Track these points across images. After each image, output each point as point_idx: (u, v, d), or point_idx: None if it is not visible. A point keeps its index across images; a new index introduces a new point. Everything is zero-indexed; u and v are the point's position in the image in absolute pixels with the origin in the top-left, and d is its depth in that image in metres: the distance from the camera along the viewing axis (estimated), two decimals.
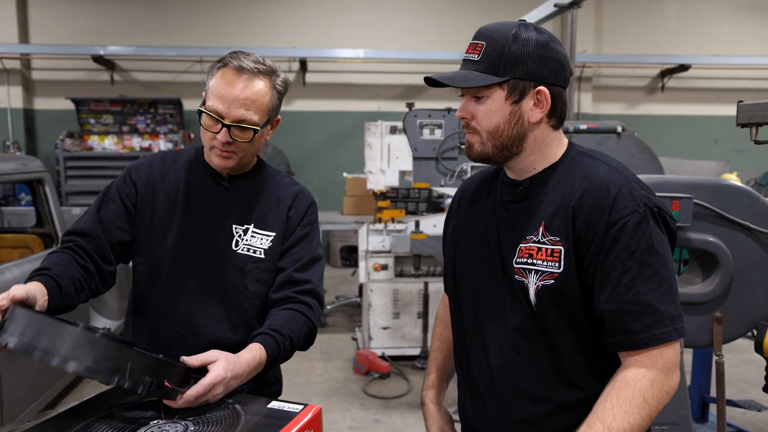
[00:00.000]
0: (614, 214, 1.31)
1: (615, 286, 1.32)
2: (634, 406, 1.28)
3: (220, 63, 1.76)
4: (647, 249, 1.31)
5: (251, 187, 1.91)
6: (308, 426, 1.40)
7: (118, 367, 1.28)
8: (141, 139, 9.13)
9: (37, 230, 4.50)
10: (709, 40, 10.61)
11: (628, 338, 1.32)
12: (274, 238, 1.88)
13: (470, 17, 9.97)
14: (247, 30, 9.66)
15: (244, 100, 1.73)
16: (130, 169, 1.92)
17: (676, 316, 1.32)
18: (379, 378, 4.95)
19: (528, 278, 1.40)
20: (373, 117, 8.33)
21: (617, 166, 1.41)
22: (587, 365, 1.41)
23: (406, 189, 5.70)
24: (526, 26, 1.39)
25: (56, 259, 1.74)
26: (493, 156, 1.44)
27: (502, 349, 1.47)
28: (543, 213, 1.41)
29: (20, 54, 9.22)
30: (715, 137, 10.82)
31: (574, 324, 1.39)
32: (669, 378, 1.32)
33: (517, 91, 1.38)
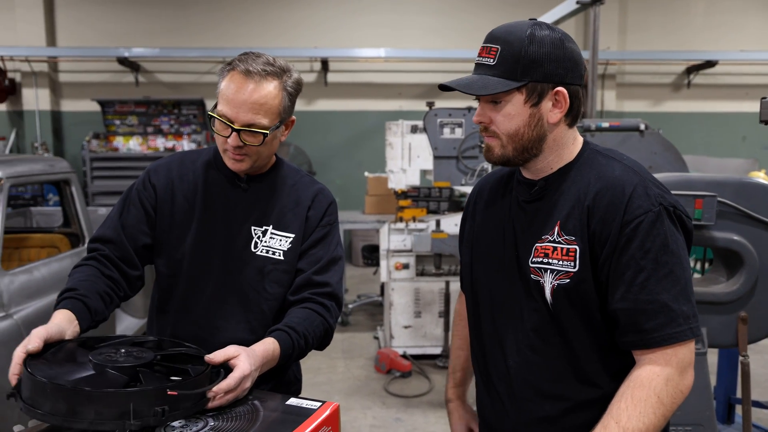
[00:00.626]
0: (629, 214, 1.32)
1: (629, 285, 1.32)
2: (649, 406, 1.28)
3: (229, 66, 1.75)
4: (662, 248, 1.31)
5: (270, 188, 1.90)
6: (326, 423, 1.41)
7: (122, 412, 1.23)
8: (165, 139, 9.23)
9: (64, 230, 4.57)
10: (737, 36, 10.42)
11: (642, 337, 1.32)
12: (293, 240, 1.87)
13: (492, 16, 9.91)
14: (269, 30, 9.72)
15: (252, 105, 1.71)
16: (149, 171, 1.92)
17: (691, 316, 1.31)
18: (400, 377, 4.96)
19: (544, 278, 1.40)
20: (394, 116, 8.33)
21: (632, 165, 1.41)
22: (603, 364, 1.41)
23: (427, 188, 5.70)
24: (539, 26, 1.38)
25: (82, 275, 1.75)
26: (514, 158, 1.44)
27: (519, 349, 1.47)
28: (558, 212, 1.41)
29: (48, 57, 9.36)
30: (743, 134, 10.64)
31: (590, 323, 1.39)
32: (683, 377, 1.32)
33: (536, 94, 1.38)
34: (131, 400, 1.22)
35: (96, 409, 1.20)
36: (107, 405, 1.21)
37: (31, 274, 3.57)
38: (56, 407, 1.20)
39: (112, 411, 1.21)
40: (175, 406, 1.28)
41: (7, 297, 3.24)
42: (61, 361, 1.34)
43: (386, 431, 4.07)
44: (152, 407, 1.24)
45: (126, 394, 1.23)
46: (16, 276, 3.40)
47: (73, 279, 1.74)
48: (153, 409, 1.24)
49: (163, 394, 1.26)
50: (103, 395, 1.22)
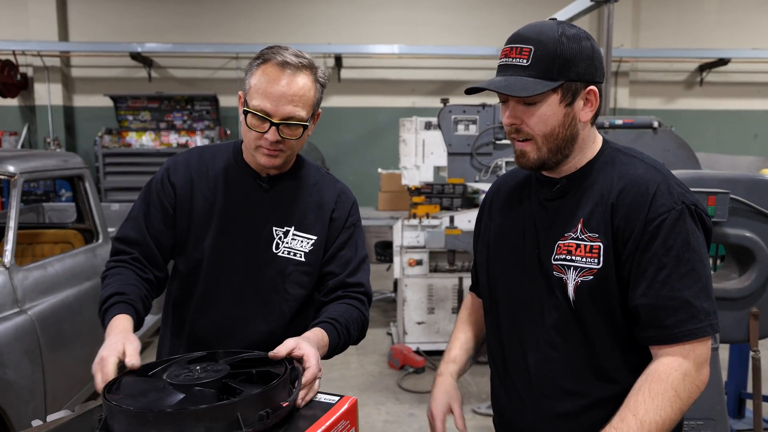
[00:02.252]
0: (653, 212, 1.34)
1: (651, 282, 1.34)
2: (666, 400, 1.29)
3: (260, 59, 1.71)
4: (684, 246, 1.33)
5: (291, 188, 1.87)
6: (345, 417, 1.41)
7: (230, 424, 1.23)
8: (178, 135, 9.25)
9: (78, 226, 4.59)
10: (750, 34, 10.38)
11: (663, 332, 1.34)
12: (315, 242, 1.85)
13: (505, 12, 9.91)
14: (282, 26, 9.73)
15: (292, 96, 1.68)
16: (168, 168, 1.89)
17: (711, 313, 1.34)
18: (413, 372, 4.98)
19: (567, 274, 1.42)
20: (407, 113, 8.32)
21: (654, 164, 1.43)
22: (623, 360, 1.43)
23: (440, 185, 5.70)
24: (566, 25, 1.40)
25: (124, 278, 1.76)
26: (549, 161, 1.44)
27: (539, 346, 1.49)
28: (581, 210, 1.43)
29: (60, 52, 9.40)
30: (755, 132, 10.62)
31: (611, 319, 1.41)
32: (700, 372, 1.34)
33: (570, 94, 1.39)
34: (239, 409, 1.23)
35: (206, 426, 1.20)
36: (216, 419, 1.21)
37: (45, 269, 3.59)
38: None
39: (221, 425, 1.21)
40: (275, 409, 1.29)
41: (21, 292, 3.27)
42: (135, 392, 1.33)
43: (400, 426, 4.09)
44: (256, 413, 1.25)
45: (233, 404, 1.23)
46: (30, 272, 3.42)
47: (117, 282, 1.75)
48: (258, 414, 1.25)
49: (264, 398, 1.27)
50: (211, 410, 1.22)
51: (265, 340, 1.79)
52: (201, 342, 1.85)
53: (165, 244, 1.86)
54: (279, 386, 1.32)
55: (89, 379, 3.84)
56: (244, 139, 1.78)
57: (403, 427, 4.07)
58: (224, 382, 1.33)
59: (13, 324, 3.10)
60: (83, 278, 3.90)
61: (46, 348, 3.32)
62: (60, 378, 3.48)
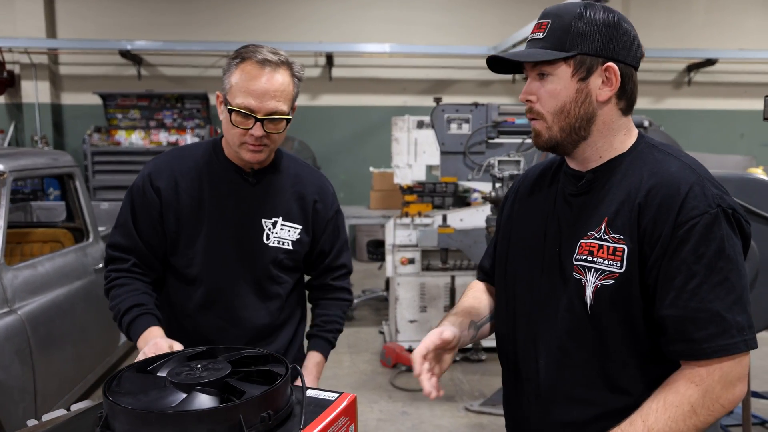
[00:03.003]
0: (683, 214, 1.23)
1: (679, 291, 1.23)
2: (680, 414, 1.22)
3: (238, 58, 1.77)
4: (717, 253, 1.22)
5: (275, 181, 1.96)
6: (344, 413, 1.41)
7: (232, 426, 1.23)
8: (168, 134, 9.21)
9: (68, 225, 4.55)
10: (737, 34, 10.49)
11: (691, 347, 1.24)
12: (301, 231, 1.97)
13: (497, 12, 9.94)
14: (274, 25, 9.71)
15: (274, 92, 1.75)
16: (150, 173, 1.93)
17: (746, 327, 1.23)
18: (406, 371, 4.97)
19: (586, 276, 1.33)
20: (398, 112, 8.32)
21: (690, 163, 1.32)
22: (640, 371, 1.33)
23: (432, 183, 5.71)
24: (593, 6, 1.33)
25: (135, 288, 1.89)
26: (562, 141, 1.37)
27: (550, 350, 1.41)
28: (606, 208, 1.33)
29: (48, 49, 9.33)
30: (742, 132, 10.72)
31: (631, 328, 1.31)
32: (727, 391, 1.23)
33: (584, 68, 1.32)
34: (241, 411, 1.22)
35: (209, 427, 1.19)
36: (219, 421, 1.20)
37: (35, 269, 3.56)
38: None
39: (223, 427, 1.20)
40: (277, 410, 1.29)
41: (11, 292, 3.24)
42: (136, 389, 1.32)
43: (393, 425, 4.09)
44: (259, 414, 1.24)
45: (236, 406, 1.22)
46: (19, 271, 3.39)
47: (129, 293, 1.87)
48: (260, 415, 1.24)
49: (266, 400, 1.26)
50: (214, 412, 1.21)
51: (265, 326, 1.95)
52: (202, 336, 1.90)
53: (157, 247, 1.93)
54: (281, 387, 1.32)
55: (80, 379, 3.86)
56: (228, 137, 1.84)
57: (396, 425, 4.07)
58: (226, 382, 1.33)
59: (3, 324, 3.07)
60: (74, 277, 3.87)
61: (37, 348, 3.29)
62: (50, 378, 3.45)
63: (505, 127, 4.53)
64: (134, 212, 1.92)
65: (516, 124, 4.53)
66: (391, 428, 4.04)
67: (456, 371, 4.98)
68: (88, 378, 4.05)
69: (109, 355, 4.46)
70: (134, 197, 1.93)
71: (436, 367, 1.46)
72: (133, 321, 1.82)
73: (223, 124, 1.83)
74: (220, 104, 1.84)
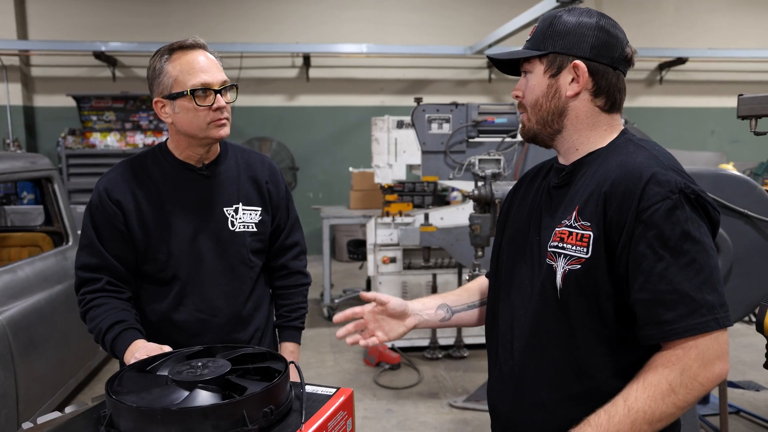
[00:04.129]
0: (645, 201, 1.27)
1: (648, 275, 1.27)
2: (659, 392, 1.24)
3: (165, 54, 1.87)
4: (682, 236, 1.25)
5: (227, 170, 2.05)
6: (342, 407, 1.45)
7: (236, 421, 1.25)
8: (144, 135, 9.13)
9: (47, 228, 4.51)
10: (706, 33, 10.70)
11: (661, 329, 1.26)
12: (261, 212, 2.08)
13: (474, 11, 10.01)
14: (251, 26, 9.67)
15: (216, 65, 1.90)
16: (106, 189, 1.95)
17: (717, 306, 1.25)
18: (389, 369, 5.01)
19: (557, 262, 1.38)
20: (376, 111, 8.35)
21: (659, 154, 1.37)
22: (607, 358, 1.36)
23: (412, 183, 5.74)
24: (573, 10, 1.44)
25: (112, 306, 1.91)
26: (539, 132, 1.48)
27: (523, 332, 1.46)
28: (579, 198, 1.39)
29: (19, 50, 9.19)
30: (712, 129, 10.93)
31: (598, 313, 1.35)
32: (705, 368, 1.25)
33: (555, 65, 1.42)
34: (244, 407, 1.24)
35: (213, 423, 1.22)
36: (223, 417, 1.23)
37: (15, 273, 3.53)
38: (171, 431, 1.21)
39: (227, 422, 1.23)
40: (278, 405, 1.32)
41: None
42: (138, 388, 1.34)
43: (378, 422, 4.11)
44: (261, 410, 1.27)
45: (239, 402, 1.25)
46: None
47: (108, 312, 1.89)
48: (262, 410, 1.27)
49: (268, 396, 1.29)
50: (219, 408, 1.24)
51: (241, 311, 2.04)
52: (185, 333, 1.97)
53: (128, 260, 1.96)
54: (281, 383, 1.34)
55: (62, 383, 3.83)
56: (193, 125, 1.89)
57: (381, 423, 4.10)
58: (227, 379, 1.35)
59: None
60: (54, 281, 3.84)
61: (18, 353, 3.25)
62: (33, 383, 3.42)
63: (485, 126, 4.57)
64: (97, 230, 1.94)
65: (495, 123, 4.56)
66: (377, 426, 4.07)
67: (439, 368, 5.03)
68: (70, 383, 4.01)
69: (91, 360, 4.42)
70: (94, 215, 1.95)
71: (379, 330, 1.66)
72: (116, 338, 1.84)
73: (180, 119, 1.88)
74: (163, 107, 1.90)
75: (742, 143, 10.47)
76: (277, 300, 2.24)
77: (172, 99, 1.86)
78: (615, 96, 1.44)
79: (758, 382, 4.29)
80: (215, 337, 1.96)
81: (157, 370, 1.44)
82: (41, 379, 3.57)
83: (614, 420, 1.26)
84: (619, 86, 1.44)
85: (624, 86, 1.46)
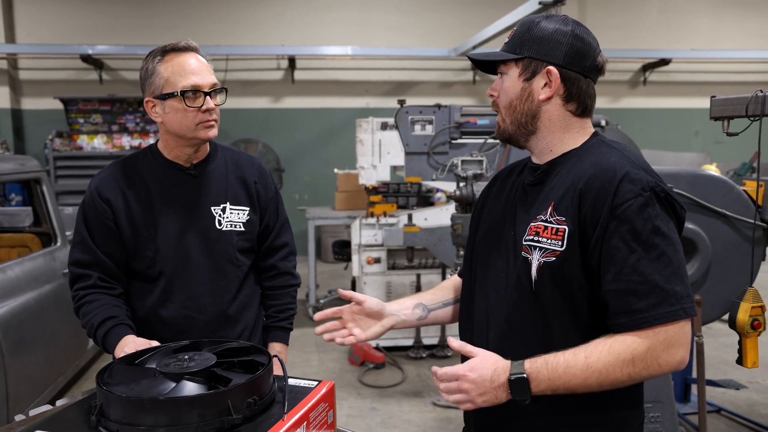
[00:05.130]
0: (619, 197, 1.35)
1: (621, 267, 1.34)
2: (620, 361, 1.32)
3: (158, 56, 1.93)
4: (653, 231, 1.34)
5: (215, 170, 2.10)
6: (323, 399, 1.51)
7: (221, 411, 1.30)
8: (131, 137, 9.16)
9: (35, 229, 4.56)
10: (689, 35, 10.79)
11: (633, 317, 1.34)
12: (249, 212, 2.12)
13: (457, 14, 10.08)
14: (236, 28, 9.71)
15: (207, 68, 1.95)
16: (97, 188, 2.02)
17: (684, 296, 1.33)
18: (374, 368, 5.07)
19: (532, 255, 1.45)
20: (361, 113, 8.41)
21: (630, 155, 1.45)
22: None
23: (397, 184, 5.81)
24: (551, 17, 1.51)
25: (104, 302, 1.97)
26: (513, 133, 1.55)
27: (498, 323, 1.52)
28: (554, 194, 1.46)
29: (7, 54, 9.21)
30: (696, 129, 11.01)
31: (571, 305, 1.42)
32: (667, 352, 1.33)
33: (529, 70, 1.49)
34: (229, 397, 1.30)
35: (199, 412, 1.27)
36: (209, 406, 1.28)
37: (5, 273, 3.58)
38: (158, 420, 1.27)
39: (213, 411, 1.28)
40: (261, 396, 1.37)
41: None
42: (128, 380, 1.40)
43: (363, 420, 4.18)
44: (245, 400, 1.32)
45: (224, 392, 1.31)
46: None
47: (100, 308, 1.95)
48: (246, 401, 1.33)
49: (252, 387, 1.35)
50: (204, 398, 1.30)
51: (227, 309, 2.08)
52: (172, 329, 2.01)
53: (118, 257, 2.02)
54: (265, 375, 1.41)
55: (51, 381, 3.88)
56: (182, 125, 1.95)
57: (366, 421, 4.17)
58: (212, 371, 1.41)
59: None
60: (43, 281, 3.89)
61: (8, 351, 3.31)
62: (22, 381, 3.47)
63: (468, 127, 4.65)
64: (89, 227, 2.01)
65: (478, 125, 4.64)
66: (361, 424, 4.14)
67: (423, 367, 5.10)
68: (58, 381, 4.06)
69: (79, 359, 4.47)
70: (86, 213, 2.02)
71: (356, 328, 1.72)
72: (107, 333, 1.91)
73: (169, 119, 1.94)
74: (153, 107, 1.96)
75: (726, 144, 10.53)
76: (266, 300, 2.27)
77: (163, 99, 1.92)
78: (586, 102, 1.52)
79: (739, 381, 4.35)
80: (201, 335, 1.99)
81: (146, 363, 1.50)
82: (31, 377, 3.62)
83: (570, 371, 1.34)
84: (590, 93, 1.52)
85: (594, 93, 1.54)
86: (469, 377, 1.38)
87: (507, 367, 1.37)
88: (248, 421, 1.33)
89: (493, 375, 1.37)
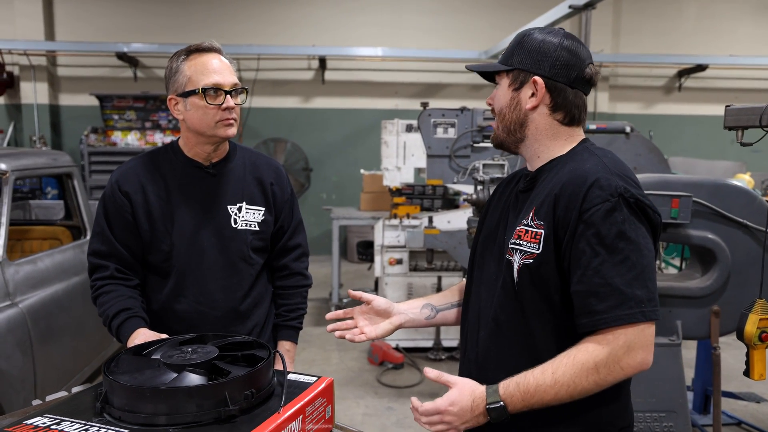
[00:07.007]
0: (587, 202, 1.42)
1: (585, 269, 1.41)
2: (584, 370, 1.38)
3: (182, 56, 1.99)
4: (618, 236, 1.39)
5: (234, 169, 2.15)
6: (321, 394, 1.56)
7: (218, 401, 1.36)
8: (163, 134, 9.33)
9: (66, 223, 4.69)
10: (727, 41, 10.58)
11: (593, 319, 1.40)
12: (264, 212, 2.16)
13: (487, 17, 10.05)
14: (267, 28, 9.82)
15: (229, 68, 2.02)
16: (117, 180, 2.09)
17: (645, 300, 1.38)
18: (392, 368, 5.11)
19: (514, 257, 1.53)
20: (390, 115, 8.45)
21: (608, 162, 1.50)
22: (558, 345, 1.48)
23: (421, 186, 5.83)
24: (542, 30, 1.58)
25: (120, 293, 2.04)
26: (505, 139, 1.63)
27: (488, 321, 1.60)
28: (537, 200, 1.54)
29: (46, 51, 9.45)
30: (732, 137, 10.75)
31: (549, 304, 1.49)
32: (628, 355, 1.38)
33: (518, 80, 1.56)
34: (227, 389, 1.36)
35: (197, 402, 1.33)
36: (206, 397, 1.34)
37: (36, 264, 3.69)
38: (158, 408, 1.33)
39: (210, 402, 1.34)
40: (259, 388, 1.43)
41: (13, 286, 3.37)
42: (132, 369, 1.47)
43: (378, 419, 4.22)
44: (242, 392, 1.38)
45: (222, 384, 1.37)
46: (21, 266, 3.52)
47: (116, 299, 2.02)
48: (244, 393, 1.38)
49: (250, 380, 1.40)
50: (202, 388, 1.36)
51: (239, 306, 2.13)
52: (183, 323, 2.07)
53: (134, 249, 2.08)
54: (263, 369, 1.46)
55: (77, 370, 4.00)
56: (203, 122, 2.00)
57: (381, 420, 4.21)
58: (213, 363, 1.47)
59: (5, 316, 3.20)
60: (72, 273, 4.00)
61: (37, 340, 3.42)
62: (49, 369, 3.58)
63: (490, 131, 4.66)
64: (108, 219, 2.07)
65: None
66: (377, 422, 4.18)
67: (442, 369, 5.02)
68: (84, 370, 4.17)
69: (105, 349, 4.58)
70: (106, 205, 2.08)
71: (367, 327, 1.78)
72: (121, 324, 1.98)
73: (190, 116, 2.00)
74: (176, 105, 2.02)
75: (764, 153, 10.36)
76: (277, 299, 2.32)
77: (185, 97, 1.97)
78: (573, 112, 1.58)
79: (760, 394, 4.30)
80: (213, 330, 2.04)
81: (152, 354, 1.57)
82: (58, 366, 3.73)
83: (541, 389, 1.41)
84: (578, 103, 1.57)
85: (584, 103, 1.59)
86: (451, 411, 1.45)
87: (483, 395, 1.45)
88: (245, 412, 1.38)
89: (472, 405, 1.44)
